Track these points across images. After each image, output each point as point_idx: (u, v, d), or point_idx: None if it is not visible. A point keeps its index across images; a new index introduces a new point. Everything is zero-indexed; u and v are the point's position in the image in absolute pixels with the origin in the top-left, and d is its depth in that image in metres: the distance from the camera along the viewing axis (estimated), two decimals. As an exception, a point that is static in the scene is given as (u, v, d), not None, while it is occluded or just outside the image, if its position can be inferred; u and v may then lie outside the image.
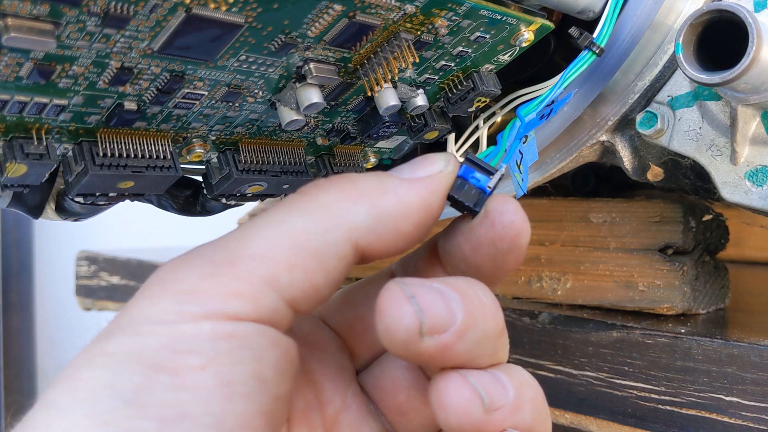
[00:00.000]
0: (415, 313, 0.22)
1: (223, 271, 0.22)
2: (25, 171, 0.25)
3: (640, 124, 0.33)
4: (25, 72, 0.22)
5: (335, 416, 0.27)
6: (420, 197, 0.24)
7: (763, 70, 0.27)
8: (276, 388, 0.22)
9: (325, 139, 0.33)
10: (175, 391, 0.20)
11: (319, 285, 0.23)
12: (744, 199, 0.31)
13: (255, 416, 0.21)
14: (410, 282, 0.23)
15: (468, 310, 0.23)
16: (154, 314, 0.22)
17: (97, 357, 0.21)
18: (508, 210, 0.24)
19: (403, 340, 0.22)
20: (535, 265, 0.46)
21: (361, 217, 0.24)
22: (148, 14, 0.22)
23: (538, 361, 0.43)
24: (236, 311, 0.22)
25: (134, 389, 0.20)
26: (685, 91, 0.33)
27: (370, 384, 0.28)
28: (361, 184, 0.24)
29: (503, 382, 0.24)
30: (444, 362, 0.23)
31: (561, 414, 0.43)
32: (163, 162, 0.27)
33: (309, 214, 0.24)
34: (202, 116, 0.28)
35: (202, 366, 0.21)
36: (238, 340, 0.22)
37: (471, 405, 0.23)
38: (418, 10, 0.26)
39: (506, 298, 0.48)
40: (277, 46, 0.25)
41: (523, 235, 0.25)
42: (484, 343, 0.23)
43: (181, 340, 0.21)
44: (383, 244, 0.24)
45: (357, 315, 0.29)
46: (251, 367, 0.22)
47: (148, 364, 0.21)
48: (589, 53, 0.30)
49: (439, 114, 0.33)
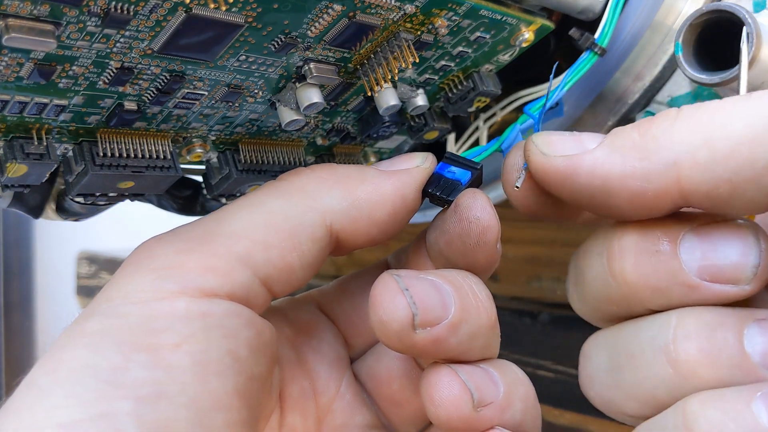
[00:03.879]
0: (409, 305, 0.22)
1: (198, 247, 0.23)
2: (25, 171, 0.25)
3: (640, 124, 0.33)
4: (25, 72, 0.22)
5: (329, 404, 0.27)
6: (395, 187, 0.25)
7: (763, 70, 0.27)
8: (251, 368, 0.22)
9: (325, 139, 0.33)
10: (152, 369, 0.21)
11: (294, 266, 0.24)
12: (744, 199, 0.31)
13: (230, 395, 0.21)
14: (404, 274, 0.23)
15: (461, 303, 0.23)
16: (131, 292, 0.22)
17: (77, 338, 0.21)
18: (475, 206, 0.24)
19: (396, 332, 0.22)
20: (535, 265, 0.46)
21: (336, 201, 0.24)
22: (148, 14, 0.22)
23: (538, 361, 0.43)
24: (211, 286, 0.22)
25: (112, 369, 0.20)
26: (685, 91, 0.33)
27: (364, 373, 0.28)
28: (339, 172, 0.25)
29: (494, 378, 0.24)
30: (436, 355, 0.23)
31: (561, 414, 0.43)
32: (163, 162, 0.27)
33: (286, 197, 0.24)
34: (202, 116, 0.28)
35: (178, 344, 0.21)
36: (212, 319, 0.22)
37: (460, 401, 0.23)
38: (418, 10, 0.26)
39: (506, 298, 0.48)
40: (277, 46, 0.25)
41: (489, 231, 0.24)
42: (477, 337, 0.23)
43: (157, 318, 0.21)
44: (358, 231, 0.25)
45: (353, 304, 0.29)
46: (225, 345, 0.22)
47: (126, 343, 0.21)
48: (591, 54, 0.30)
49: (439, 114, 0.33)
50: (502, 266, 0.50)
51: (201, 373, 0.21)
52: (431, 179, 0.26)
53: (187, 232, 0.24)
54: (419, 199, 0.26)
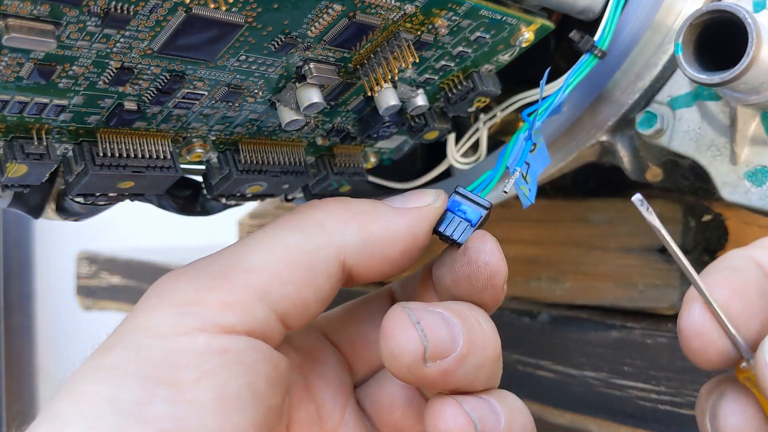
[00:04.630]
0: (420, 338, 0.23)
1: (219, 283, 0.23)
2: (25, 171, 0.25)
3: (640, 125, 0.33)
4: (25, 72, 0.22)
5: (334, 431, 0.27)
6: (408, 226, 0.25)
7: (763, 70, 0.27)
8: (268, 400, 0.23)
9: (325, 139, 0.33)
10: (174, 404, 0.21)
11: (309, 301, 0.24)
12: (743, 199, 0.31)
13: (249, 428, 0.22)
14: (415, 307, 0.23)
15: (469, 336, 0.24)
16: (152, 326, 0.22)
17: (99, 370, 0.22)
18: (485, 250, 0.25)
19: (408, 365, 0.23)
20: (534, 265, 0.46)
21: (351, 237, 0.25)
22: (148, 14, 0.22)
23: (537, 361, 0.43)
24: (231, 323, 0.23)
25: (135, 403, 0.21)
26: (685, 91, 0.33)
27: (368, 400, 0.28)
28: (353, 208, 0.26)
29: (495, 409, 0.24)
30: (444, 386, 0.24)
31: (561, 414, 0.43)
32: (163, 162, 0.27)
33: (303, 232, 0.25)
34: (202, 116, 0.28)
35: (197, 379, 0.21)
36: (231, 354, 0.22)
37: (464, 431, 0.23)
38: (418, 10, 0.26)
39: (506, 298, 0.48)
40: (277, 46, 0.25)
41: (497, 276, 0.25)
42: (482, 369, 0.24)
43: (178, 354, 0.22)
44: (370, 267, 0.25)
45: (358, 330, 0.29)
46: (244, 380, 0.22)
47: (148, 378, 0.21)
48: (591, 56, 0.30)
49: (439, 114, 0.33)
50: (502, 266, 0.50)
51: (221, 408, 0.21)
52: (442, 217, 0.27)
53: (206, 266, 0.24)
54: (430, 237, 0.26)
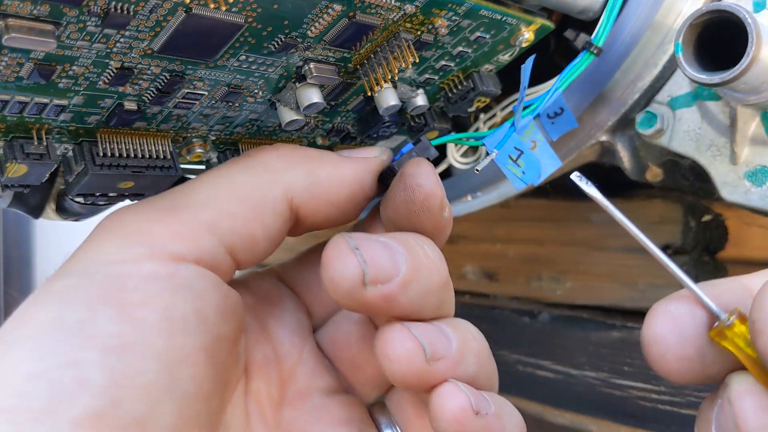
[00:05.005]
0: (359, 263, 0.23)
1: (167, 215, 0.24)
2: (25, 171, 0.25)
3: (640, 124, 0.33)
4: (25, 72, 0.22)
5: (291, 370, 0.28)
6: (355, 172, 0.27)
7: (763, 70, 0.27)
8: (218, 328, 0.23)
9: (325, 139, 0.33)
10: (119, 323, 0.21)
11: (257, 237, 0.25)
12: (743, 199, 0.31)
13: (196, 352, 0.22)
14: (355, 235, 0.24)
15: (413, 262, 0.24)
16: (100, 255, 0.23)
17: (44, 296, 0.22)
18: (419, 173, 0.25)
19: (347, 289, 0.23)
20: (535, 264, 0.46)
21: (298, 178, 0.26)
22: (148, 14, 0.22)
23: (537, 360, 0.43)
24: (179, 251, 0.23)
25: (79, 322, 0.21)
26: (685, 91, 0.33)
27: (325, 340, 0.29)
28: (301, 152, 0.27)
29: (447, 333, 0.24)
30: (389, 313, 0.24)
31: (561, 414, 0.43)
32: (163, 162, 0.27)
33: (250, 170, 0.25)
34: (202, 116, 0.28)
35: (144, 301, 0.22)
36: (179, 280, 0.23)
37: (413, 355, 0.23)
38: (418, 10, 0.26)
39: (506, 297, 0.48)
40: (277, 46, 0.25)
41: (432, 198, 0.25)
42: (429, 296, 0.24)
43: (124, 278, 0.22)
44: (317, 209, 0.26)
45: (313, 275, 0.30)
46: (192, 305, 0.23)
47: (93, 299, 0.22)
48: (587, 54, 0.30)
49: (439, 114, 0.33)
50: (502, 266, 0.50)
51: (167, 328, 0.22)
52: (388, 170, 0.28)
53: (155, 202, 0.25)
54: (375, 187, 0.27)
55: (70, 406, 0.19)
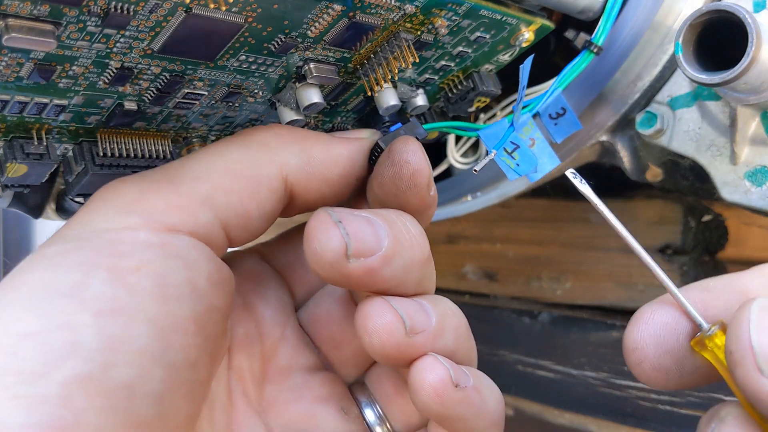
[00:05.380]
0: (342, 236, 0.23)
1: (163, 187, 0.24)
2: (25, 171, 0.25)
3: (640, 124, 0.33)
4: (25, 72, 0.22)
5: (273, 347, 0.28)
6: (348, 149, 0.27)
7: (763, 70, 0.27)
8: (209, 299, 0.23)
9: (325, 139, 0.33)
10: (112, 287, 0.21)
11: (252, 213, 0.25)
12: (744, 199, 0.31)
13: (187, 320, 0.22)
14: (338, 210, 0.24)
15: (395, 237, 0.24)
16: (95, 223, 0.23)
17: (37, 260, 0.22)
18: (407, 150, 0.26)
19: (330, 262, 0.23)
20: (535, 265, 0.46)
21: (293, 156, 0.26)
22: (148, 14, 0.22)
23: (537, 361, 0.43)
24: (174, 222, 0.23)
25: (72, 285, 0.21)
26: (685, 91, 0.33)
27: (306, 318, 0.29)
28: (297, 132, 0.27)
29: (426, 308, 0.25)
30: (371, 286, 0.24)
31: (561, 414, 0.43)
32: (163, 162, 0.27)
33: (246, 147, 0.26)
34: (202, 116, 0.28)
35: (137, 267, 0.22)
36: (172, 249, 0.23)
37: (393, 327, 0.24)
38: (418, 10, 0.26)
39: (506, 298, 0.48)
40: (277, 46, 0.25)
41: (419, 174, 0.25)
42: (410, 271, 0.24)
43: (117, 244, 0.22)
44: (311, 187, 0.26)
45: (296, 254, 0.30)
46: (185, 274, 0.23)
47: (86, 263, 0.21)
48: (587, 53, 0.30)
49: (439, 114, 0.33)
50: (502, 266, 0.50)
51: (160, 295, 0.22)
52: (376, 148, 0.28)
53: (151, 175, 0.25)
54: (367, 166, 0.27)
55: (60, 368, 0.19)
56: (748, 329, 0.19)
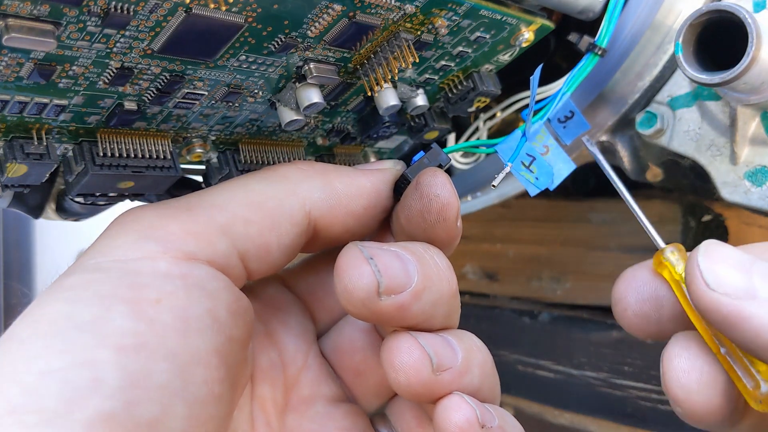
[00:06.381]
0: (374, 273, 0.23)
1: (182, 214, 0.24)
2: (25, 171, 0.25)
3: (640, 124, 0.33)
4: (25, 72, 0.22)
5: (296, 376, 0.28)
6: (372, 182, 0.27)
7: (763, 70, 0.27)
8: (230, 330, 0.23)
9: (325, 139, 0.33)
10: (133, 321, 0.21)
11: (272, 246, 0.25)
12: (744, 199, 0.31)
13: (209, 353, 0.22)
14: (368, 245, 0.24)
15: (424, 272, 0.24)
16: (114, 251, 0.23)
17: (57, 292, 0.22)
18: (435, 183, 0.25)
19: (362, 299, 0.23)
20: (536, 264, 0.46)
21: (316, 190, 0.26)
22: (148, 14, 0.22)
23: (538, 361, 0.43)
24: (192, 250, 0.23)
25: (92, 319, 0.20)
26: (685, 91, 0.33)
27: (329, 347, 0.29)
28: (318, 166, 0.27)
29: (453, 345, 0.25)
30: (400, 322, 0.24)
31: (561, 414, 0.43)
32: (163, 162, 0.27)
33: (267, 180, 0.25)
34: (202, 116, 0.28)
35: (158, 299, 0.21)
36: (192, 279, 0.22)
37: (420, 365, 0.23)
38: (418, 10, 0.26)
39: (506, 297, 0.48)
40: (277, 46, 0.25)
41: (448, 208, 0.25)
42: (438, 305, 0.24)
43: (138, 275, 0.22)
44: (335, 221, 0.26)
45: (319, 281, 0.30)
46: (206, 305, 0.22)
47: (107, 296, 0.21)
48: (592, 56, 0.30)
49: (439, 114, 0.33)
50: (502, 266, 0.50)
51: (181, 328, 0.21)
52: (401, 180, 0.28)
53: (171, 202, 0.25)
54: (392, 197, 0.27)
55: (82, 407, 0.19)
56: (697, 256, 0.23)
